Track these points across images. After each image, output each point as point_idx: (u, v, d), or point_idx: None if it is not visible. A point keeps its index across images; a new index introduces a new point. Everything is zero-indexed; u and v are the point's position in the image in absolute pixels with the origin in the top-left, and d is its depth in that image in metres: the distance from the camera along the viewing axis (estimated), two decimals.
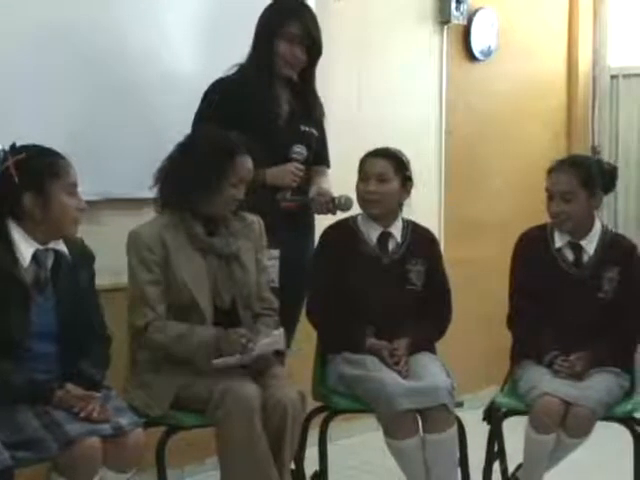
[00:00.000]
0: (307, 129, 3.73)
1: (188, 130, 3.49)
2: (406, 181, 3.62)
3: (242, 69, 3.67)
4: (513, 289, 3.70)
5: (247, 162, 3.24)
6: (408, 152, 3.69)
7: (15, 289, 2.79)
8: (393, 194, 3.59)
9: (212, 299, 3.20)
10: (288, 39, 3.62)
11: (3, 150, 2.84)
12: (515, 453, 3.56)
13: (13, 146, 2.85)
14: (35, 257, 2.85)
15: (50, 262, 2.90)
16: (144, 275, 3.16)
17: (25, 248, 2.83)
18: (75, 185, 2.90)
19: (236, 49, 3.67)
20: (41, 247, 2.87)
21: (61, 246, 2.92)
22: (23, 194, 2.81)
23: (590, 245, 3.62)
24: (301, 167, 3.64)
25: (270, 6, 3.72)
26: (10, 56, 3.42)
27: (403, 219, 3.67)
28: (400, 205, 3.65)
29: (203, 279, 3.19)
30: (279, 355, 3.28)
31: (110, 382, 3.04)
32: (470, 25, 5.41)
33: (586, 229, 3.63)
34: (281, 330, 3.21)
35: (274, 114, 3.66)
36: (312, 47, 3.67)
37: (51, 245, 2.89)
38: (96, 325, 3.03)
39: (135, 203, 3.71)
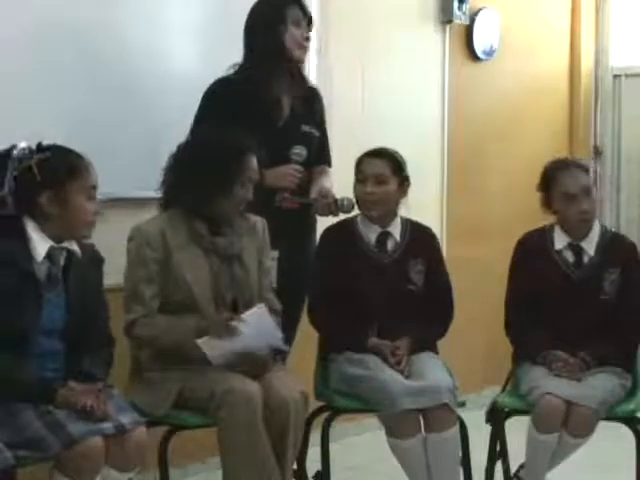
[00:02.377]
0: (308, 129, 3.73)
1: (188, 130, 3.50)
2: (403, 181, 3.62)
3: (242, 69, 3.67)
4: (509, 296, 3.71)
5: (254, 162, 3.24)
6: (410, 151, 3.69)
7: (28, 284, 2.82)
8: (391, 195, 3.58)
9: (213, 299, 3.20)
10: (296, 23, 3.64)
11: (29, 148, 2.86)
12: (517, 453, 3.56)
13: (39, 145, 2.88)
14: (49, 254, 2.88)
15: (62, 260, 2.93)
16: (139, 271, 3.16)
17: (40, 244, 2.85)
18: (94, 188, 2.93)
19: (236, 49, 3.67)
20: (55, 245, 2.89)
21: (74, 246, 2.94)
22: (42, 192, 2.84)
23: (590, 246, 3.62)
24: (300, 169, 3.64)
25: (261, 3, 3.70)
26: (10, 55, 3.42)
27: (402, 218, 3.67)
28: (398, 204, 3.65)
29: (204, 278, 3.19)
30: (279, 353, 3.27)
31: (113, 381, 3.04)
32: (472, 25, 5.41)
33: (586, 229, 3.63)
34: (262, 305, 3.21)
35: (275, 114, 3.66)
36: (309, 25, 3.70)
37: (65, 244, 2.92)
38: (102, 326, 3.04)
39: (135, 203, 3.71)
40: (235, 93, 3.57)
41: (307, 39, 3.68)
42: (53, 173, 2.84)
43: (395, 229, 3.64)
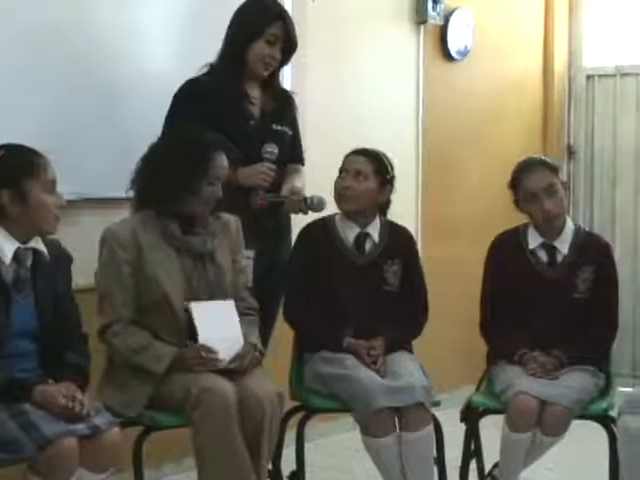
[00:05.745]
0: (279, 128, 3.72)
1: (161, 130, 3.49)
2: (385, 183, 3.62)
3: (214, 69, 3.66)
4: (485, 295, 3.72)
5: (222, 160, 3.24)
6: (385, 152, 3.69)
7: None
8: (368, 192, 3.58)
9: (187, 299, 3.18)
10: (269, 41, 3.62)
11: None
12: (491, 451, 3.57)
13: None
14: (16, 256, 2.85)
15: (29, 261, 2.90)
16: (111, 274, 3.15)
17: (6, 246, 2.84)
18: (54, 183, 2.91)
19: (209, 49, 3.66)
20: (22, 246, 2.87)
21: (40, 245, 2.92)
22: (1, 192, 2.81)
23: (563, 245, 3.63)
24: (273, 167, 3.63)
25: (249, 6, 3.69)
26: None
27: (382, 219, 3.67)
28: (380, 206, 3.65)
29: (177, 278, 3.18)
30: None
31: None
32: (447, 25, 5.42)
33: (559, 228, 3.65)
34: (232, 302, 3.24)
35: (246, 114, 3.65)
36: (289, 48, 3.67)
37: (31, 244, 2.89)
38: (74, 325, 3.03)
39: (109, 203, 3.69)
40: (206, 94, 3.56)
41: (274, 58, 3.64)
42: (9, 171, 2.82)
43: (374, 230, 3.63)
